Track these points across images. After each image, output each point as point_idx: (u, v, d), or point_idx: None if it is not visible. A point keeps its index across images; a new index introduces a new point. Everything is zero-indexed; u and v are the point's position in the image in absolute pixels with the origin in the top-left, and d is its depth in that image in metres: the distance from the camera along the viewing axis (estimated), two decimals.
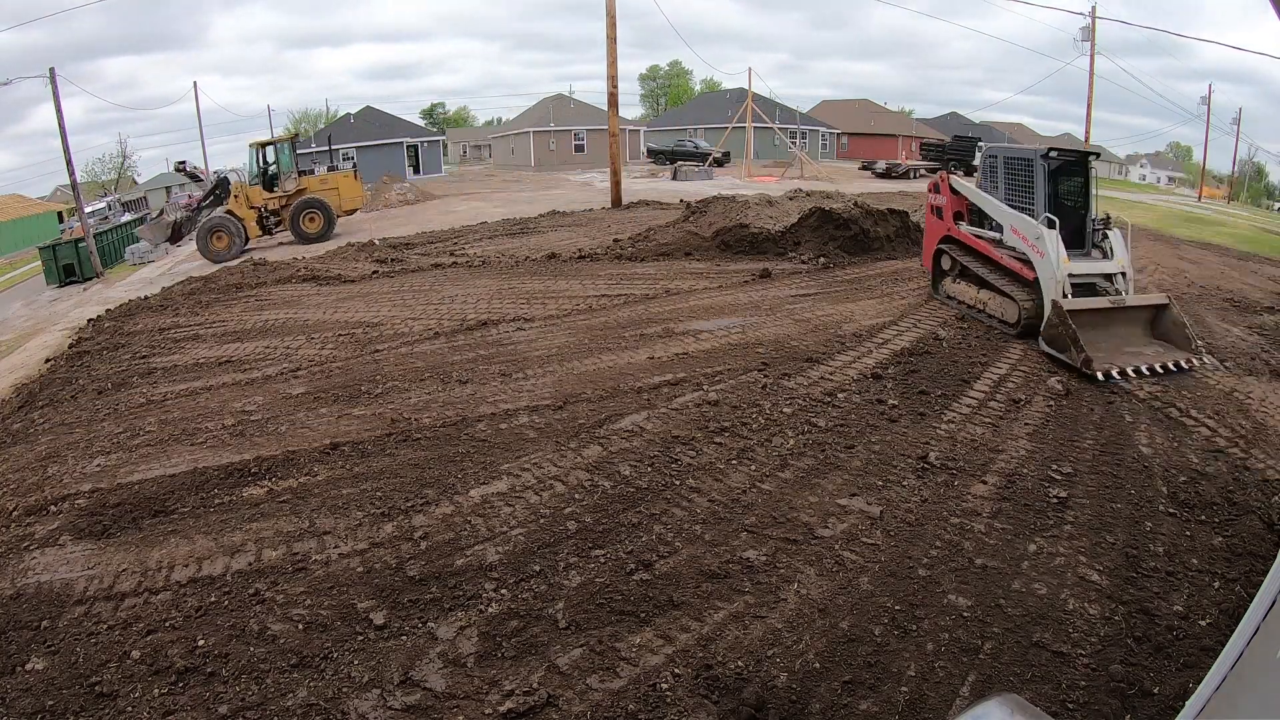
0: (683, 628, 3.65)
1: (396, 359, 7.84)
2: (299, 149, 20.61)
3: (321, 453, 5.58)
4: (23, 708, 3.27)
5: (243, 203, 17.24)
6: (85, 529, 4.74)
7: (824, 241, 12.96)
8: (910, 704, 3.20)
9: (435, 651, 3.51)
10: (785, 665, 3.40)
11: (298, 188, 18.02)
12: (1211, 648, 3.45)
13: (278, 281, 12.43)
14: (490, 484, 5.03)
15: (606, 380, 6.92)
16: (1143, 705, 3.18)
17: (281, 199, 17.80)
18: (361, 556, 4.26)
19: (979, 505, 4.75)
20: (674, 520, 4.57)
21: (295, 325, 9.54)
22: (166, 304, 11.77)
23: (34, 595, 4.07)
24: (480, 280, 11.59)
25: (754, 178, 32.92)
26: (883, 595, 3.88)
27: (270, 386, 7.25)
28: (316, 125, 56.22)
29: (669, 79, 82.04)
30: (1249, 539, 4.42)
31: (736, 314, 9.21)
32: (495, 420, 6.08)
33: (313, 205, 17.85)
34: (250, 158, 18.61)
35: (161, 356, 8.69)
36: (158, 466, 5.55)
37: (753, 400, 6.33)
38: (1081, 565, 4.13)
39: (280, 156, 18.29)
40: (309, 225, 17.80)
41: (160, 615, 3.83)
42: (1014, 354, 7.75)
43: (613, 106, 22.86)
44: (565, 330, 8.66)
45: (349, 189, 18.84)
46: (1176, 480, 5.12)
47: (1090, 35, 34.59)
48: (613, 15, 21.44)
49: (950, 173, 10.86)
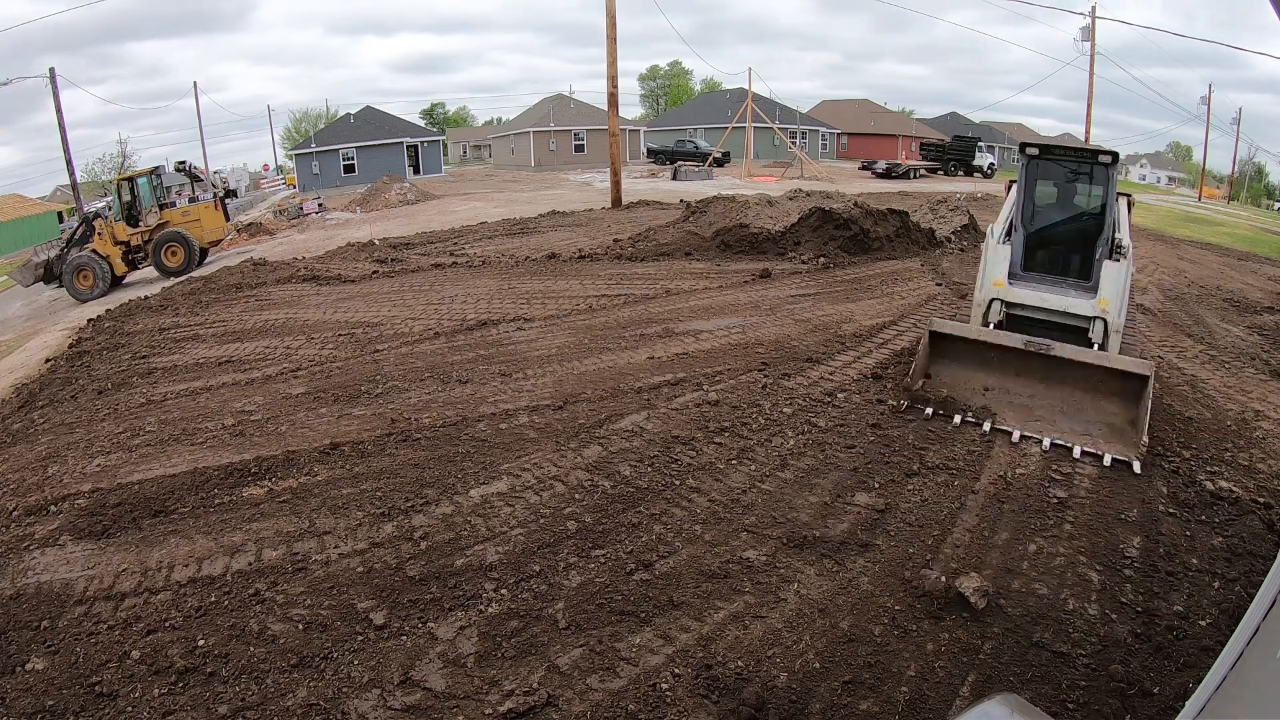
0: (683, 628, 3.65)
1: (396, 359, 7.84)
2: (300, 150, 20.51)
3: (321, 453, 5.58)
4: (23, 708, 3.26)
5: (108, 240, 16.83)
6: (85, 529, 4.73)
7: (824, 241, 12.96)
8: (910, 704, 3.20)
9: (435, 651, 3.51)
10: (785, 665, 3.40)
11: (159, 221, 17.56)
12: (1211, 648, 3.45)
13: (278, 281, 12.43)
14: (490, 484, 5.03)
15: (606, 380, 6.92)
16: (1143, 705, 3.18)
17: (144, 233, 17.36)
18: (361, 556, 4.26)
19: (978, 505, 4.75)
20: (674, 520, 4.57)
21: (295, 325, 9.54)
22: (166, 304, 11.77)
23: (34, 595, 4.07)
24: (480, 280, 11.59)
25: (754, 178, 32.92)
26: (883, 595, 3.88)
27: (270, 386, 7.25)
28: (317, 125, 56.22)
29: (669, 79, 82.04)
30: (1249, 539, 4.42)
31: (736, 314, 9.22)
32: (495, 420, 6.08)
33: (173, 239, 17.43)
34: (114, 193, 18.22)
35: (161, 356, 8.69)
36: (158, 466, 5.55)
37: (753, 400, 6.33)
38: (1081, 565, 4.13)
39: (140, 191, 17.86)
40: (170, 259, 17.33)
41: (160, 615, 3.83)
42: None
43: (613, 106, 22.87)
44: (565, 330, 8.66)
45: (210, 220, 18.32)
46: (1176, 480, 5.12)
47: (1090, 35, 34.59)
48: (612, 15, 21.44)
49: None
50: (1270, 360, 8.06)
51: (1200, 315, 10.14)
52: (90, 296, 16.14)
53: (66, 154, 28.67)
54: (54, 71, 28.18)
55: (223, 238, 19.82)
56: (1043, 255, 7.13)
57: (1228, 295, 11.65)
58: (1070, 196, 7.16)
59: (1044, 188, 7.13)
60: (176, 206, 18.40)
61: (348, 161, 39.31)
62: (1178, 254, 16.01)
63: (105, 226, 17.16)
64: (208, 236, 18.53)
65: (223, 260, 17.95)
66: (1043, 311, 6.57)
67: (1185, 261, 14.96)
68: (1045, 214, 7.17)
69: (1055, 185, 7.21)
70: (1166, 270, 13.53)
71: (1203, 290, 11.88)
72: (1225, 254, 17.28)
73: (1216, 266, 14.85)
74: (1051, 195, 7.21)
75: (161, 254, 17.37)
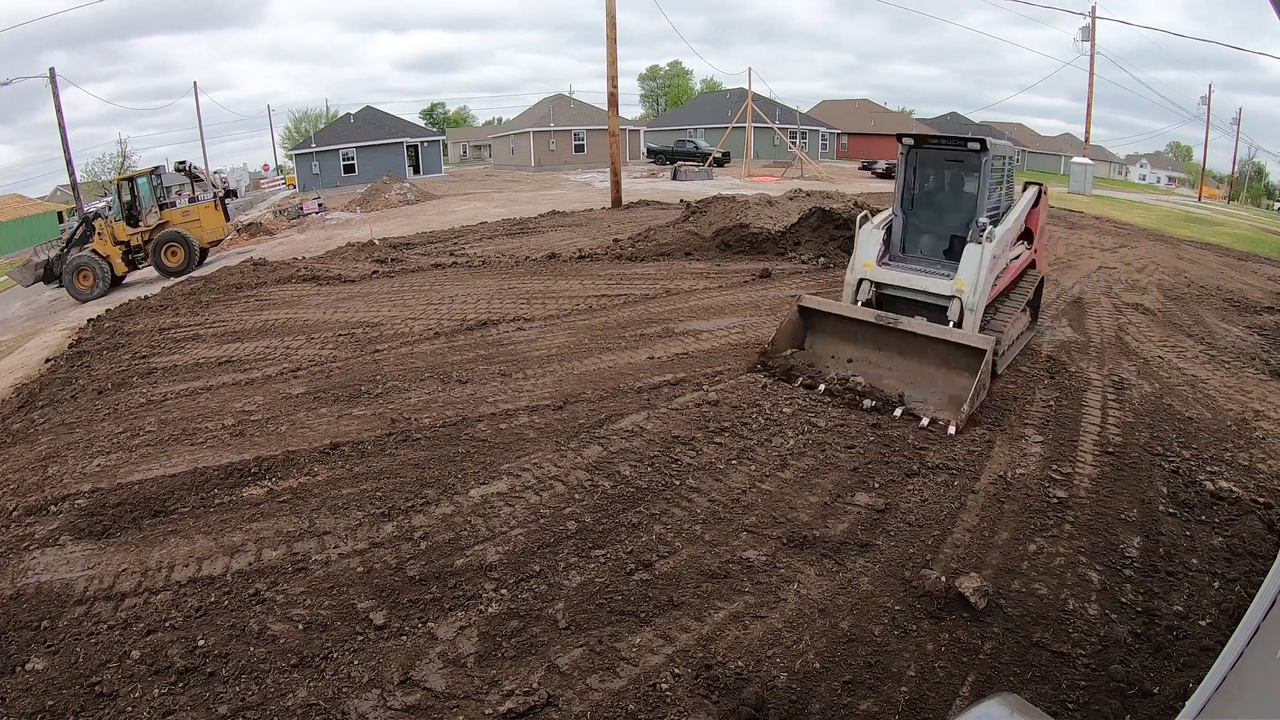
0: (683, 628, 3.65)
1: (396, 359, 7.84)
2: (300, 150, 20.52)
3: (321, 453, 5.58)
4: (23, 708, 3.27)
5: (107, 240, 16.84)
6: (85, 529, 4.73)
7: (824, 241, 12.96)
8: (910, 704, 3.20)
9: (435, 651, 3.51)
10: (785, 665, 3.40)
11: (159, 221, 17.57)
12: (1211, 648, 3.45)
13: (278, 281, 12.44)
14: (490, 484, 5.03)
15: (606, 380, 6.92)
16: (1143, 705, 3.18)
17: (144, 233, 17.37)
18: (361, 556, 4.26)
19: (978, 505, 4.75)
20: (674, 520, 4.57)
21: (295, 325, 9.54)
22: (166, 304, 11.77)
23: (34, 595, 4.07)
24: (480, 280, 11.59)
25: (754, 178, 32.92)
26: (883, 595, 3.88)
27: (270, 386, 7.25)
28: (317, 125, 56.23)
29: (669, 79, 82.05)
30: (1249, 539, 4.42)
31: (736, 314, 9.21)
32: (495, 420, 6.08)
33: (174, 239, 17.44)
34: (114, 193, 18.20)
35: (161, 356, 8.69)
36: (158, 466, 5.55)
37: (753, 400, 6.33)
38: (1081, 565, 4.13)
39: (140, 190, 17.86)
40: (170, 259, 17.34)
41: (160, 615, 3.83)
42: (1013, 353, 7.74)
43: (613, 106, 22.87)
44: (565, 330, 8.66)
45: (210, 220, 18.33)
46: (1176, 480, 5.12)
47: (1090, 35, 34.61)
48: (613, 15, 21.44)
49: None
50: (1270, 360, 8.05)
51: (1200, 315, 10.14)
52: (90, 296, 16.13)
53: (66, 154, 28.71)
54: (54, 71, 28.22)
55: (223, 238, 19.81)
56: (928, 239, 7.58)
57: (1228, 295, 11.65)
58: (954, 184, 7.46)
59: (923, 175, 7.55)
60: (176, 206, 18.38)
61: (348, 161, 39.30)
62: (1178, 254, 16.01)
63: (105, 226, 17.15)
64: (208, 236, 18.51)
65: (223, 260, 17.96)
66: (908, 291, 7.03)
67: (1185, 261, 14.96)
68: (924, 200, 7.57)
69: (932, 173, 7.55)
70: (1166, 270, 13.53)
71: (1203, 290, 11.87)
72: (1225, 254, 17.28)
73: (1216, 266, 14.86)
74: (930, 182, 7.58)
75: (161, 254, 17.36)
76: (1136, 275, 12.78)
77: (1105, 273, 12.77)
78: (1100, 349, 8.15)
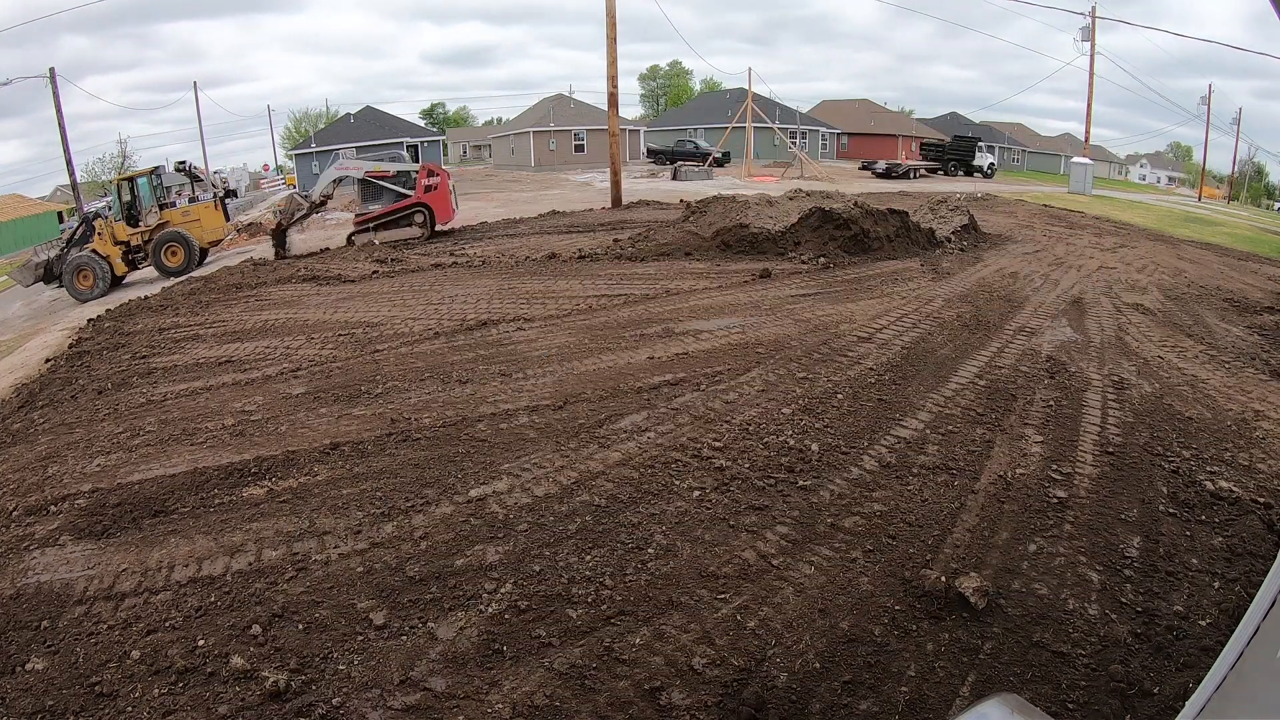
0: (682, 628, 3.65)
1: (396, 359, 7.84)
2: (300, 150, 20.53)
3: (321, 453, 5.58)
4: (23, 708, 3.26)
5: (107, 240, 16.84)
6: (85, 529, 4.73)
7: (824, 241, 12.95)
8: (910, 704, 3.20)
9: (435, 651, 3.51)
10: (785, 665, 3.40)
11: (159, 221, 17.54)
12: (1211, 648, 3.44)
13: (278, 281, 12.44)
14: (490, 484, 5.03)
15: (606, 380, 6.92)
16: (1143, 705, 3.18)
17: (144, 233, 17.36)
18: (361, 556, 4.26)
19: (978, 505, 4.75)
20: (674, 520, 4.57)
21: (295, 325, 9.54)
22: (166, 304, 11.78)
23: (34, 595, 4.07)
24: (480, 280, 11.59)
25: (754, 178, 32.91)
26: (883, 595, 3.88)
27: (270, 386, 7.25)
28: (317, 125, 56.22)
29: (669, 79, 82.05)
30: (1249, 539, 4.42)
31: (736, 314, 9.21)
32: (495, 420, 6.08)
33: (174, 239, 17.43)
34: (114, 193, 18.20)
35: (161, 356, 8.69)
36: (158, 466, 5.55)
37: (753, 400, 6.33)
38: (1081, 565, 4.13)
39: (140, 190, 17.87)
40: (170, 259, 17.32)
41: (160, 615, 3.83)
42: (1013, 353, 7.75)
43: (613, 107, 22.87)
44: (565, 330, 8.66)
45: (211, 220, 18.31)
46: (1177, 480, 5.12)
47: (1090, 35, 34.60)
48: (613, 15, 21.44)
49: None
50: (1270, 360, 8.06)
51: (1200, 315, 10.14)
52: (90, 296, 16.13)
53: (66, 154, 28.77)
54: (54, 71, 28.29)
55: (223, 238, 19.80)
56: None
57: (1228, 295, 11.65)
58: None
59: None
60: (176, 206, 18.38)
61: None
62: (1178, 254, 16.01)
63: (105, 226, 17.15)
64: (208, 236, 18.51)
65: (223, 260, 17.96)
66: None
67: (1185, 261, 14.96)
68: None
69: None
70: (1166, 270, 13.53)
71: (1203, 290, 11.88)
72: (1225, 254, 17.28)
73: (1216, 266, 14.86)
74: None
75: (161, 254, 17.35)
76: (1136, 275, 12.78)
77: (1105, 273, 12.77)
78: (1100, 349, 8.15)
